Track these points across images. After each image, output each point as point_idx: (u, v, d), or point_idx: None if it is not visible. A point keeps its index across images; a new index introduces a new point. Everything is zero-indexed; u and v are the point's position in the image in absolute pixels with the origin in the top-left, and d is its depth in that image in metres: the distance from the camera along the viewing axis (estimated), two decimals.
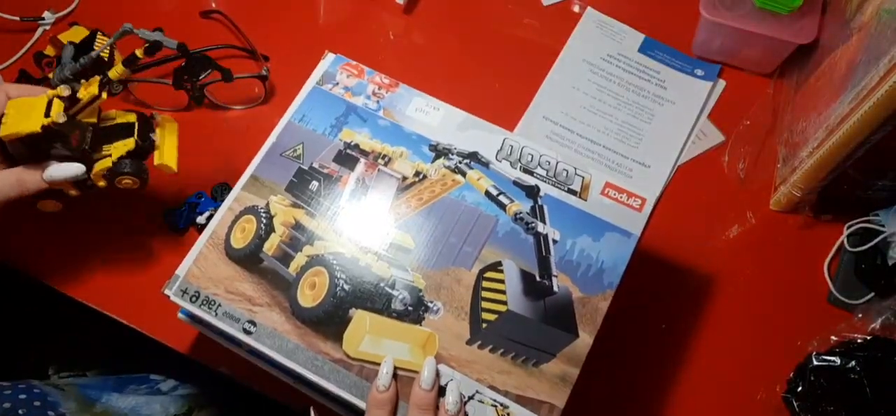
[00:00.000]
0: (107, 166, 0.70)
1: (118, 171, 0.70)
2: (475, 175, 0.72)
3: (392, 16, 1.04)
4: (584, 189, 0.72)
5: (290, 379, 0.69)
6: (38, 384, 0.69)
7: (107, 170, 0.70)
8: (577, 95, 0.97)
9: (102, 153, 0.71)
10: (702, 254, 0.87)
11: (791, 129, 0.88)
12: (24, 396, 0.66)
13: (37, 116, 0.65)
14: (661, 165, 0.93)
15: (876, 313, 0.81)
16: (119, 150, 0.71)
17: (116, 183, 0.71)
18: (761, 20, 0.90)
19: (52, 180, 0.66)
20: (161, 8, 1.05)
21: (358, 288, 0.67)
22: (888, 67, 0.69)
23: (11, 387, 0.66)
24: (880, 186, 0.84)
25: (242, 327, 0.66)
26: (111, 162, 0.70)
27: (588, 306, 0.66)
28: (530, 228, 0.69)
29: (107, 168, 0.70)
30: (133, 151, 0.71)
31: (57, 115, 0.65)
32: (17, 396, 0.65)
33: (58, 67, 0.70)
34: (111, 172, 0.70)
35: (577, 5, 1.04)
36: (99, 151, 0.71)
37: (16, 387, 0.66)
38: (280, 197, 0.71)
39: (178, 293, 0.67)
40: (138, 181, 0.71)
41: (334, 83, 0.78)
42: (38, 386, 0.68)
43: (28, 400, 0.65)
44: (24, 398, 0.65)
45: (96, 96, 0.67)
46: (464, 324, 0.66)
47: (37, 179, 0.65)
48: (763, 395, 0.80)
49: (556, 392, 0.63)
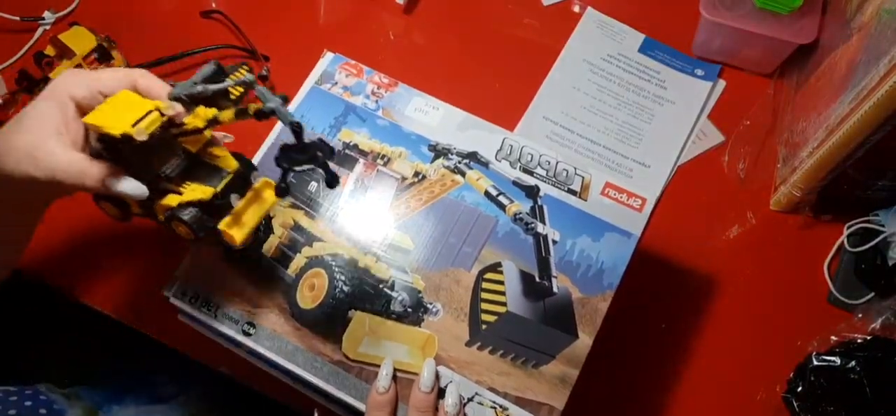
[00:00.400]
0: (171, 205, 0.61)
1: (176, 215, 0.60)
2: (475, 175, 0.72)
3: (392, 16, 1.04)
4: (583, 189, 0.72)
5: (289, 380, 0.69)
6: (44, 391, 0.68)
7: (169, 209, 0.61)
8: (578, 95, 0.97)
9: (178, 188, 0.62)
10: (702, 254, 0.87)
11: (791, 129, 0.88)
12: (30, 403, 0.66)
13: (127, 120, 0.57)
14: (661, 165, 0.93)
15: (876, 313, 0.81)
16: (193, 194, 0.61)
17: (173, 226, 0.62)
18: (761, 20, 0.90)
19: (110, 189, 0.59)
20: (161, 8, 1.05)
21: (357, 290, 0.67)
22: (888, 67, 0.69)
23: (18, 392, 0.66)
24: (880, 186, 0.84)
25: (242, 329, 0.66)
26: (176, 203, 0.61)
27: (588, 306, 0.66)
28: (530, 228, 0.69)
29: (169, 207, 0.61)
30: (205, 203, 0.61)
31: (139, 131, 0.56)
32: (24, 402, 0.65)
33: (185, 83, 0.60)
34: (171, 213, 0.61)
35: (577, 5, 1.04)
36: (178, 184, 0.62)
37: (22, 393, 0.66)
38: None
39: (178, 295, 0.67)
40: (192, 235, 0.61)
41: (333, 83, 0.78)
42: (44, 393, 0.68)
43: (34, 408, 0.65)
44: (30, 405, 0.65)
45: (199, 130, 0.60)
46: (463, 325, 0.66)
47: (97, 179, 0.58)
48: (763, 395, 0.80)
49: (555, 394, 0.63)
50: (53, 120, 0.59)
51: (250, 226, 0.62)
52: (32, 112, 0.59)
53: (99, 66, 0.93)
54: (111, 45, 0.94)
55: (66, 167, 0.57)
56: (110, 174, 0.58)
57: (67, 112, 0.59)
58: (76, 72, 0.62)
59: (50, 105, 0.59)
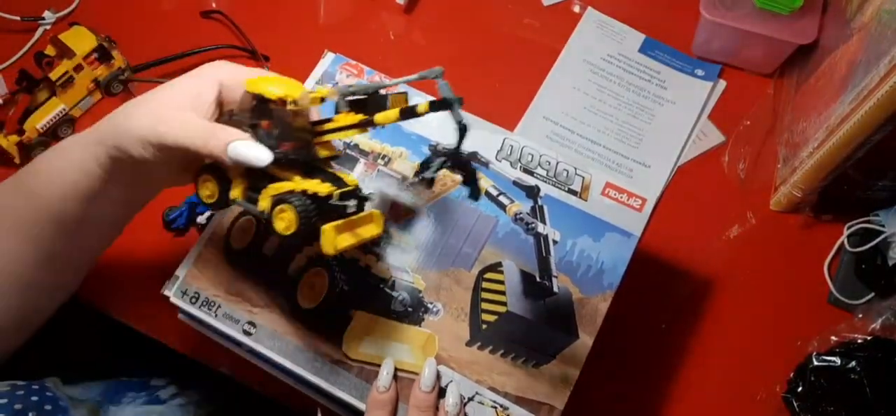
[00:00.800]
0: (285, 189, 0.57)
1: (287, 200, 0.55)
2: None
3: (392, 15, 1.04)
4: (584, 189, 0.72)
5: (290, 380, 0.69)
6: (50, 387, 0.68)
7: (278, 194, 0.57)
8: (578, 96, 0.97)
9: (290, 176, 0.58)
10: (702, 254, 0.87)
11: (791, 129, 0.88)
12: (36, 398, 0.66)
13: (284, 89, 0.57)
14: (662, 165, 0.93)
15: (876, 314, 0.81)
16: (310, 185, 0.56)
17: (275, 214, 0.56)
18: (761, 20, 0.90)
19: (235, 155, 0.56)
20: (161, 8, 1.05)
21: (358, 289, 0.67)
22: (889, 68, 0.69)
23: (25, 387, 0.66)
24: (880, 187, 0.84)
25: (242, 329, 0.66)
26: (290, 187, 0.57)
27: (588, 306, 0.66)
28: (530, 228, 0.69)
29: (281, 192, 0.57)
30: (319, 199, 0.56)
31: (303, 96, 0.56)
32: (30, 397, 0.65)
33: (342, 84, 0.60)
34: (281, 198, 0.56)
35: (578, 5, 1.04)
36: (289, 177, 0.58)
37: (29, 387, 0.66)
38: None
39: (178, 294, 0.67)
40: (295, 226, 0.55)
41: (334, 83, 0.78)
42: (50, 389, 0.68)
43: (39, 403, 0.65)
44: (36, 400, 0.65)
45: (345, 127, 0.58)
46: (463, 325, 0.66)
47: (222, 145, 0.57)
48: (763, 395, 0.80)
49: (555, 394, 0.63)
50: (189, 93, 0.60)
51: (351, 243, 0.58)
52: (172, 84, 0.61)
53: (99, 66, 0.93)
54: (111, 45, 0.94)
55: (195, 129, 0.57)
56: (237, 138, 0.57)
57: (208, 91, 0.61)
58: (221, 62, 0.64)
59: (193, 82, 0.61)
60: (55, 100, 0.92)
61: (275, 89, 0.57)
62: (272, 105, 0.57)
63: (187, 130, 0.57)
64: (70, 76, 0.91)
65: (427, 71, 0.58)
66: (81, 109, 0.95)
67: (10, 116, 0.93)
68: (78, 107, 0.94)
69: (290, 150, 0.58)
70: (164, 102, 0.60)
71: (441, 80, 0.57)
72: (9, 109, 0.93)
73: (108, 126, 0.60)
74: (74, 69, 0.91)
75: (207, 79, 0.61)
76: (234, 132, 0.58)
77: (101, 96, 0.96)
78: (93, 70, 0.93)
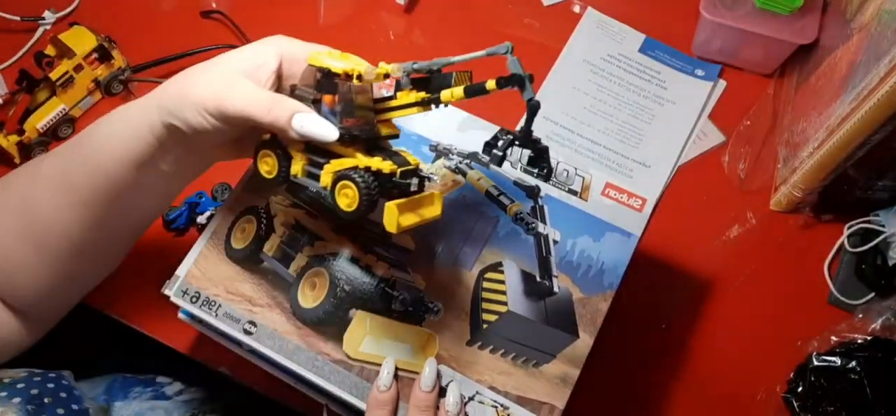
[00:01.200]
0: (347, 165, 0.56)
1: (350, 177, 0.55)
2: (475, 175, 0.72)
3: (392, 15, 1.04)
4: (584, 189, 0.72)
5: (290, 380, 0.69)
6: (67, 377, 0.69)
7: (340, 171, 0.56)
8: (578, 96, 0.97)
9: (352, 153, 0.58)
10: (702, 254, 0.87)
11: (791, 129, 0.88)
12: (53, 385, 0.66)
13: (349, 64, 0.57)
14: (662, 165, 0.93)
15: (876, 314, 0.81)
16: (373, 162, 0.56)
17: (338, 190, 0.56)
18: (761, 20, 0.90)
19: (301, 129, 0.56)
20: (161, 8, 1.05)
21: (358, 289, 0.67)
22: (889, 68, 0.69)
23: (42, 375, 0.67)
24: (880, 187, 0.84)
25: (243, 328, 0.66)
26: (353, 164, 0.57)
27: (588, 306, 0.66)
28: (531, 228, 0.69)
29: (344, 168, 0.56)
30: (383, 175, 0.56)
31: (368, 71, 0.56)
32: (46, 384, 0.66)
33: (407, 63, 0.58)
34: (345, 173, 0.56)
35: (578, 5, 1.04)
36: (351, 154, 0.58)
37: (46, 376, 0.67)
38: (280, 197, 0.71)
39: (179, 294, 0.67)
40: (357, 202, 0.55)
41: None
42: (66, 379, 0.69)
43: (55, 390, 0.66)
44: (53, 387, 0.66)
45: (408, 104, 0.57)
46: (464, 325, 0.66)
47: (287, 116, 0.56)
48: (763, 395, 0.80)
49: (556, 393, 0.63)
50: (252, 62, 0.59)
51: (413, 222, 0.58)
52: (232, 53, 0.60)
53: (99, 65, 0.93)
54: (111, 45, 0.94)
55: (260, 99, 0.56)
56: (302, 110, 0.56)
57: (270, 61, 0.60)
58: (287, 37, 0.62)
59: (254, 51, 0.60)
60: (55, 100, 0.92)
61: (339, 64, 0.57)
62: (337, 79, 0.57)
63: (251, 100, 0.56)
64: (70, 76, 0.91)
65: (495, 47, 0.57)
66: (81, 109, 0.95)
67: (10, 116, 0.93)
68: (78, 107, 0.94)
69: (353, 126, 0.57)
70: (226, 70, 0.59)
71: (511, 55, 0.57)
72: (9, 109, 0.93)
73: (167, 94, 0.59)
74: (74, 69, 0.91)
75: (270, 49, 0.60)
76: (298, 104, 0.57)
77: (101, 96, 0.96)
78: (93, 70, 0.93)
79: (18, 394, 0.63)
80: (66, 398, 0.66)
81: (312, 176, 0.59)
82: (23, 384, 0.64)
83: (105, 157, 0.61)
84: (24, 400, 0.62)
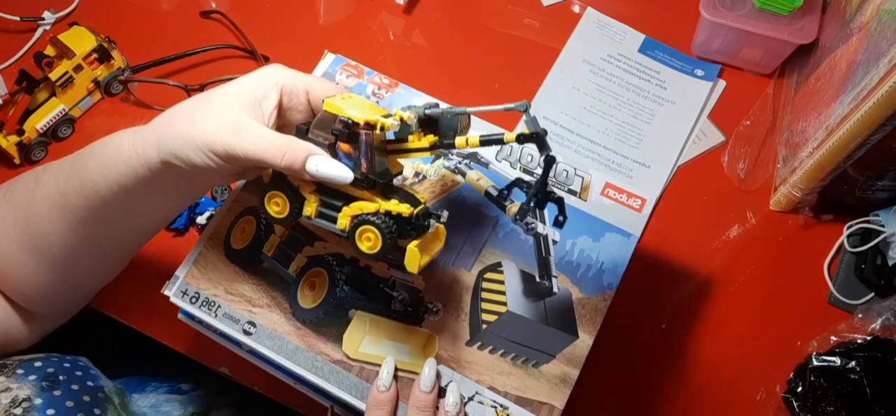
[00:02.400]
0: (367, 210, 0.58)
1: (371, 222, 0.57)
2: (475, 176, 0.72)
3: (392, 16, 1.04)
4: (583, 190, 0.72)
5: (290, 380, 0.69)
6: (84, 360, 0.71)
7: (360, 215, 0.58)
8: (577, 96, 0.97)
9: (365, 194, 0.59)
10: (702, 254, 0.87)
11: (791, 129, 0.88)
12: (69, 365, 0.68)
13: (369, 110, 0.57)
14: (662, 165, 0.93)
15: (876, 314, 0.81)
16: (392, 206, 0.57)
17: (359, 234, 0.58)
18: (761, 20, 0.90)
19: (317, 172, 0.56)
20: (161, 8, 1.05)
21: (358, 289, 0.67)
22: (888, 68, 0.69)
23: (60, 357, 0.68)
24: (880, 187, 0.84)
25: (242, 328, 0.66)
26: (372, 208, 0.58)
27: (588, 306, 0.66)
28: (530, 228, 0.69)
29: (365, 213, 0.58)
30: (402, 219, 0.58)
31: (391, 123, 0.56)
32: (63, 364, 0.67)
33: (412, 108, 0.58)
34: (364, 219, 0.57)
35: (577, 5, 1.04)
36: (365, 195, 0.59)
37: (63, 358, 0.68)
38: None
39: (178, 294, 0.67)
40: (379, 246, 0.57)
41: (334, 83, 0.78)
42: (84, 361, 0.70)
43: (72, 370, 0.67)
44: (69, 367, 0.67)
45: (420, 149, 0.59)
46: (464, 325, 0.66)
47: (301, 160, 0.55)
48: (763, 395, 0.80)
49: (555, 393, 0.63)
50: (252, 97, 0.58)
51: (428, 260, 0.59)
52: (232, 87, 0.59)
53: (99, 66, 0.93)
54: (111, 45, 0.94)
55: (271, 142, 0.55)
56: (316, 152, 0.56)
57: (271, 95, 0.59)
58: (282, 66, 0.62)
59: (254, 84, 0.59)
60: (55, 100, 0.92)
61: (358, 113, 0.57)
62: (358, 129, 0.57)
63: (262, 143, 0.56)
64: (70, 76, 0.91)
65: (515, 104, 0.57)
66: (81, 109, 0.95)
67: (10, 117, 0.93)
68: (78, 107, 0.94)
69: (369, 171, 0.58)
70: (229, 109, 0.57)
71: (527, 113, 0.57)
72: (9, 109, 0.93)
73: (166, 131, 0.58)
74: (74, 69, 0.91)
75: (269, 82, 0.59)
76: (311, 146, 0.56)
77: (100, 96, 0.96)
78: (92, 70, 0.93)
79: (34, 371, 0.64)
80: (82, 376, 0.67)
81: (326, 217, 0.60)
82: (40, 364, 0.66)
83: (100, 183, 0.61)
84: (39, 378, 0.64)
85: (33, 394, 0.62)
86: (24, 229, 0.66)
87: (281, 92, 0.60)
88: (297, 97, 0.60)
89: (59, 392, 0.64)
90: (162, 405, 0.76)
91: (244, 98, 0.58)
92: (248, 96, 0.58)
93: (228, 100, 0.58)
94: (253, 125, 0.56)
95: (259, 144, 0.55)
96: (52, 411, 0.61)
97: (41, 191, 0.65)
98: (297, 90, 0.60)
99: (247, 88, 0.59)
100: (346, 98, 0.59)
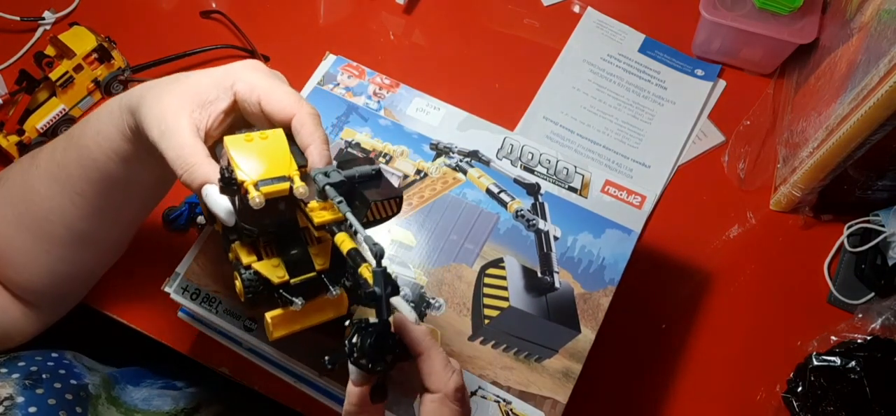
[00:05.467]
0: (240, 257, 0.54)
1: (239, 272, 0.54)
2: (476, 173, 0.72)
3: (392, 16, 1.04)
4: (584, 187, 0.72)
5: (290, 378, 0.69)
6: (68, 357, 0.71)
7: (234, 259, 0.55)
8: (578, 96, 0.97)
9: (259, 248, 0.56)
10: (702, 254, 0.87)
11: (791, 129, 0.88)
12: (53, 363, 0.68)
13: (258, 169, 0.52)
14: (662, 165, 0.93)
15: (876, 314, 0.81)
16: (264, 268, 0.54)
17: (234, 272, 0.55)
18: (761, 20, 0.90)
19: (205, 200, 0.54)
20: (161, 8, 1.05)
21: (358, 284, 0.67)
22: (888, 68, 0.69)
23: (43, 355, 0.68)
24: (880, 186, 0.84)
25: (243, 325, 0.66)
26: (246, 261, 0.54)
27: (589, 302, 0.66)
28: (531, 225, 0.69)
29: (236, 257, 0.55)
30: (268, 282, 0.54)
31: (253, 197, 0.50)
32: (46, 363, 0.67)
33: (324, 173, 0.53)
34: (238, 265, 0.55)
35: (578, 5, 1.05)
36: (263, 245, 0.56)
37: (47, 355, 0.68)
38: None
39: (179, 291, 0.67)
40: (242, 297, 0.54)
41: (335, 84, 0.78)
42: (67, 358, 0.70)
43: (55, 368, 0.67)
44: (52, 365, 0.67)
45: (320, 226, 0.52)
46: (466, 320, 0.66)
47: (197, 184, 0.54)
48: (763, 395, 0.80)
49: (558, 388, 0.63)
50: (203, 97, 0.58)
51: (294, 330, 0.56)
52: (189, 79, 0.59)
53: (99, 66, 0.93)
54: (111, 45, 0.94)
55: (179, 155, 0.55)
56: (212, 182, 0.54)
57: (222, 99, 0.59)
58: (255, 66, 0.60)
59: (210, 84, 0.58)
60: (55, 100, 0.92)
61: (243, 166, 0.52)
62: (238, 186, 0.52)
63: (175, 151, 0.55)
64: (70, 76, 0.91)
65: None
66: (81, 109, 0.95)
67: (10, 117, 0.93)
68: (78, 107, 0.94)
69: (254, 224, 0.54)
70: (180, 99, 0.57)
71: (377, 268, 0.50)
72: (9, 109, 0.93)
73: (134, 98, 0.58)
74: (74, 69, 0.91)
75: (225, 85, 0.59)
76: (213, 174, 0.54)
77: (101, 96, 0.96)
78: (93, 70, 0.93)
79: (17, 370, 0.64)
80: (65, 375, 0.67)
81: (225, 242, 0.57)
82: (23, 363, 0.65)
83: (96, 151, 0.62)
84: (22, 375, 0.63)
85: (16, 392, 0.62)
86: (23, 208, 0.66)
87: (234, 98, 0.59)
88: (252, 106, 0.59)
89: (42, 391, 0.63)
90: (154, 398, 0.76)
91: (193, 97, 0.58)
92: (200, 97, 0.58)
93: (184, 91, 0.58)
94: (183, 129, 0.56)
95: (172, 152, 0.55)
96: (34, 408, 0.61)
97: (38, 170, 0.66)
98: (251, 100, 0.59)
99: (202, 87, 0.58)
100: (265, 136, 0.55)
